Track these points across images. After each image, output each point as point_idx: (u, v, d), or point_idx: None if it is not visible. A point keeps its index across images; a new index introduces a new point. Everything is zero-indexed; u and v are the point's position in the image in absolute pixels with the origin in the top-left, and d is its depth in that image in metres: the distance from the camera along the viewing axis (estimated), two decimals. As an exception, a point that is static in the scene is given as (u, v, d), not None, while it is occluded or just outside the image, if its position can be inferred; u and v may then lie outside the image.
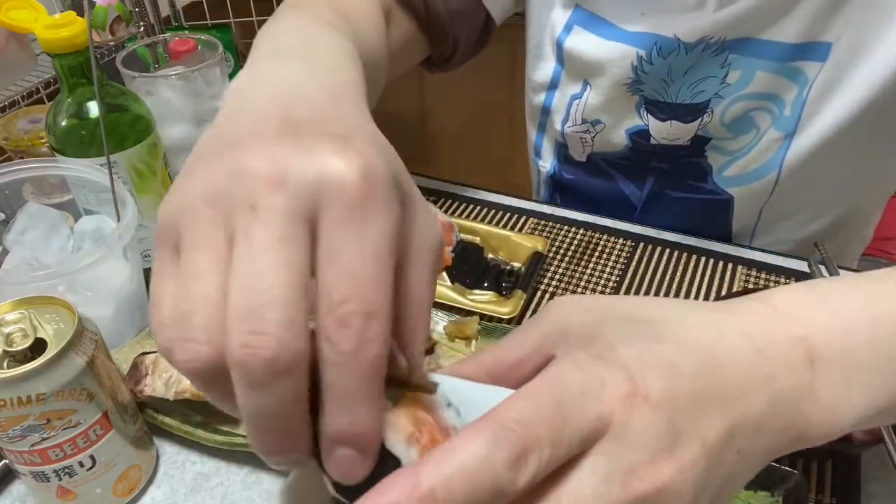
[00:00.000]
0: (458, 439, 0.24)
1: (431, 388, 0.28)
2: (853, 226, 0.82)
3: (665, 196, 0.80)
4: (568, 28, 0.74)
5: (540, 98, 0.81)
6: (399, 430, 0.26)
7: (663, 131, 0.74)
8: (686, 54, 0.67)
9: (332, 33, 0.43)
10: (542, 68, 0.79)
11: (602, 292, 0.69)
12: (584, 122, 0.78)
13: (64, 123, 0.62)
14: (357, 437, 0.25)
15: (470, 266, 0.71)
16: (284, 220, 0.24)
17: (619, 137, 0.77)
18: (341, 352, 0.24)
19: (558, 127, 0.81)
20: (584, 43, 0.73)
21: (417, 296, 0.28)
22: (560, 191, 0.89)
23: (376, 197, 0.25)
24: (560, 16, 0.74)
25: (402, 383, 0.28)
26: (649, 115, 0.74)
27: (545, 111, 0.81)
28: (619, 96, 0.73)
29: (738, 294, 0.65)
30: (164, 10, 1.89)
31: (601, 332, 0.28)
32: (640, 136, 0.76)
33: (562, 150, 0.84)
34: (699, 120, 0.71)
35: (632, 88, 0.72)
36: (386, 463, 0.25)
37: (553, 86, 0.79)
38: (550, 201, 0.89)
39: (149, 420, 0.55)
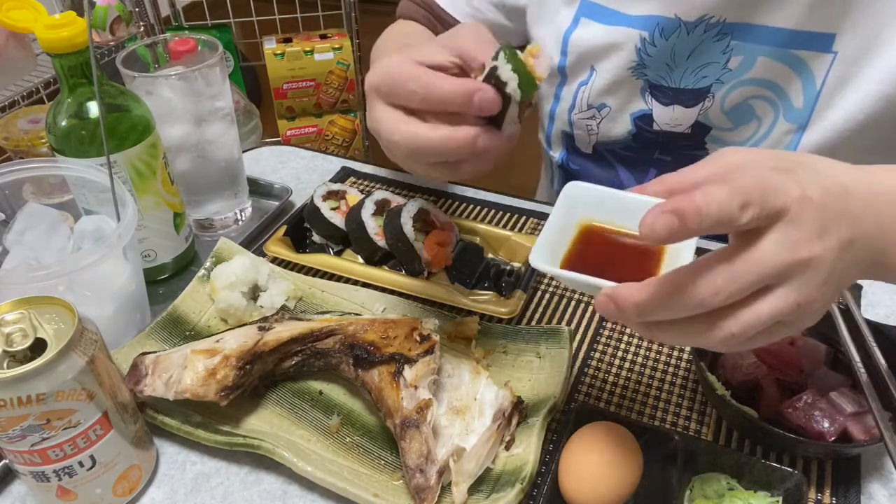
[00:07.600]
0: (708, 187, 0.36)
1: None
2: None
3: None
4: (575, 21, 0.76)
5: (550, 90, 0.83)
6: None
7: (666, 116, 0.76)
8: (687, 35, 0.70)
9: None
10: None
11: (602, 292, 0.69)
12: (589, 107, 0.80)
13: (64, 123, 0.62)
14: None
15: (470, 266, 0.71)
16: None
17: (623, 123, 0.78)
18: None
19: (566, 116, 0.83)
20: (591, 33, 0.75)
21: None
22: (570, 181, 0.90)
23: None
24: (566, 12, 0.77)
25: None
26: (654, 100, 0.76)
27: (556, 98, 0.83)
28: (624, 80, 0.75)
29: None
30: (164, 10, 1.90)
31: (768, 163, 0.41)
32: (643, 120, 0.77)
33: (569, 141, 0.86)
34: (700, 105, 0.73)
35: (636, 72, 0.74)
36: None
37: (561, 77, 0.81)
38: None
39: (149, 420, 0.55)
